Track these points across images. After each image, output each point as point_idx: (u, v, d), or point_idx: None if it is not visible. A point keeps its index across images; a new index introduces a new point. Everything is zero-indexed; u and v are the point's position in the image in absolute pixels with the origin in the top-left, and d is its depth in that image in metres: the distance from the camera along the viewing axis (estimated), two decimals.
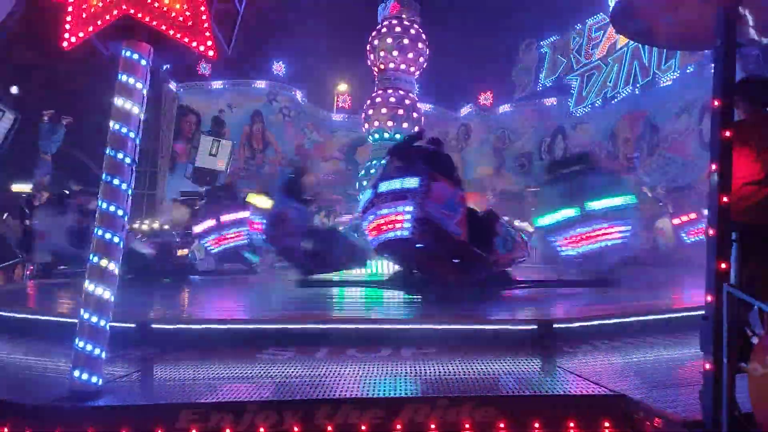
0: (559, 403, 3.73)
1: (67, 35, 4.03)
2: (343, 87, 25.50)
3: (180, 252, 12.20)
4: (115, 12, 3.89)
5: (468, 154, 24.38)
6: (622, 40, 19.48)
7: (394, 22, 15.10)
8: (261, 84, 22.84)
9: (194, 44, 4.01)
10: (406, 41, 14.92)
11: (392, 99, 14.85)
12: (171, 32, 3.95)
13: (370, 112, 14.86)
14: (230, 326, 5.78)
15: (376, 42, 15.27)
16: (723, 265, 2.99)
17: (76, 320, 3.92)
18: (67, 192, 12.04)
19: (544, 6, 21.37)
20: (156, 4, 3.92)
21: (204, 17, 4.04)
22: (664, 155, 18.38)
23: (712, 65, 3.24)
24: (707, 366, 2.96)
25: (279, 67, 23.51)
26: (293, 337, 5.47)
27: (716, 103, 3.09)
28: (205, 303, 9.01)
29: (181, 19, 3.98)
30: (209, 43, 4.07)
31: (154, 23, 3.90)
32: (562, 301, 7.95)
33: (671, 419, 3.21)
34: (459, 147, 24.34)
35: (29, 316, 6.39)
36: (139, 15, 3.89)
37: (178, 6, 3.98)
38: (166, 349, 5.24)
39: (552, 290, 8.56)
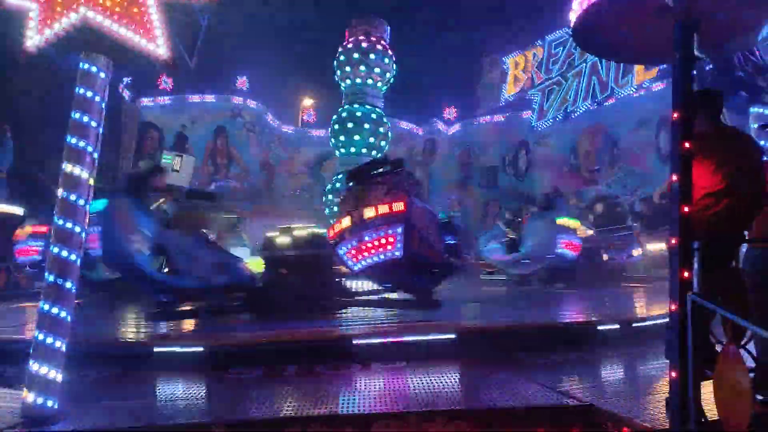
0: (529, 415, 3.73)
1: (24, 46, 3.90)
2: (308, 102, 25.45)
3: None
4: (74, 17, 3.78)
5: (434, 169, 24.57)
6: (581, 56, 20.00)
7: (362, 37, 15.18)
8: (224, 99, 22.61)
9: (154, 55, 3.92)
10: (372, 56, 14.99)
11: (359, 113, 14.86)
12: (130, 43, 3.86)
13: (337, 126, 14.83)
14: (193, 348, 5.62)
15: (342, 57, 15.31)
16: (686, 274, 3.03)
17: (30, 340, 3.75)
18: None
19: (506, 23, 21.82)
20: (117, 9, 3.83)
21: (164, 27, 3.97)
22: (624, 168, 18.85)
23: (670, 79, 3.31)
24: (673, 374, 2.99)
25: (242, 82, 23.35)
26: (261, 355, 5.34)
27: (676, 115, 3.15)
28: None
29: (140, 29, 3.90)
30: (169, 54, 3.99)
31: (113, 34, 3.81)
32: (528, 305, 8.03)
33: (639, 428, 3.23)
34: (425, 162, 24.51)
35: None
36: (98, 26, 3.79)
37: (135, 10, 3.90)
38: (127, 369, 5.07)
39: None
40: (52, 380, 3.67)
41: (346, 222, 7.40)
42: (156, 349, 5.29)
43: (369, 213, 7.19)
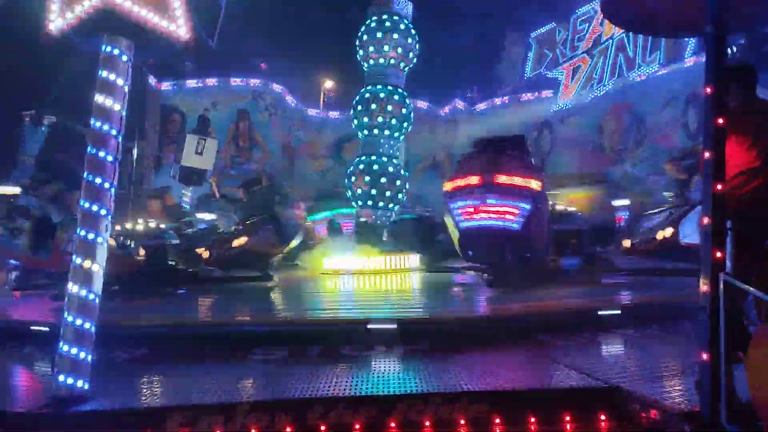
0: (554, 397, 3.69)
1: (47, 30, 3.92)
2: (329, 84, 25.35)
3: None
4: (94, 5, 3.78)
5: (456, 150, 24.36)
6: (607, 33, 19.54)
7: (384, 17, 14.98)
8: (246, 82, 22.63)
9: (175, 37, 3.91)
10: (395, 36, 14.80)
11: (382, 95, 14.72)
12: (152, 25, 3.85)
13: (363, 107, 14.71)
14: (221, 328, 5.70)
15: (365, 37, 15.16)
16: (718, 254, 2.95)
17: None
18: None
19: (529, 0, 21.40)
20: None
21: (185, 9, 3.95)
22: (651, 146, 18.47)
23: (699, 56, 3.20)
24: (704, 356, 2.92)
25: (264, 65, 23.33)
26: (286, 336, 5.38)
27: (708, 90, 3.05)
28: None
29: (161, 11, 3.89)
30: (190, 35, 3.98)
31: (134, 17, 3.80)
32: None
33: (668, 411, 3.18)
34: (447, 143, 24.31)
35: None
36: (119, 9, 3.78)
37: None
38: (155, 350, 5.14)
39: None
40: (81, 361, 3.74)
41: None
42: None
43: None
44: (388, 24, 14.85)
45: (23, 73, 14.82)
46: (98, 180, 3.84)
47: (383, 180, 13.95)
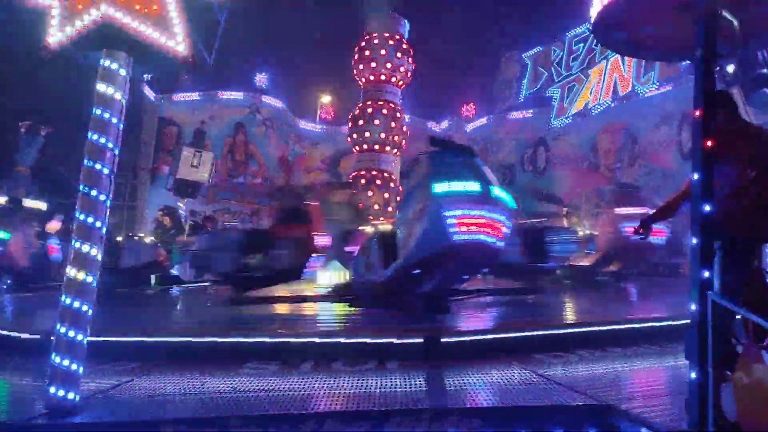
0: (545, 414, 3.71)
1: (46, 42, 3.96)
2: (326, 98, 25.50)
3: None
4: (94, 14, 3.83)
5: None
6: (602, 53, 19.77)
7: (379, 34, 15.14)
8: (243, 96, 22.74)
9: (173, 52, 3.96)
10: (390, 53, 14.95)
11: (386, 111, 14.84)
12: (150, 40, 3.90)
13: (361, 122, 14.82)
14: (212, 339, 5.68)
15: (360, 54, 15.30)
16: (706, 274, 2.99)
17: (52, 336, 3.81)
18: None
19: (526, 19, 21.66)
20: (137, 7, 3.88)
21: (183, 25, 4.00)
22: (646, 165, 18.62)
23: (691, 75, 3.27)
24: (693, 375, 2.95)
25: (261, 79, 23.47)
26: (277, 350, 5.38)
27: (698, 113, 3.11)
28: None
29: (160, 26, 3.94)
30: (188, 51, 4.03)
31: (133, 31, 3.85)
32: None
33: (657, 429, 3.20)
34: None
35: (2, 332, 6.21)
36: (118, 23, 3.83)
37: (155, 7, 3.94)
38: (146, 362, 5.13)
39: None
40: (73, 372, 3.73)
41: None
42: None
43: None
44: (382, 41, 15.00)
45: (18, 84, 14.90)
46: (94, 192, 3.86)
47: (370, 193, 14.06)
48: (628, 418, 3.46)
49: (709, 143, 3.05)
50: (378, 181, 14.34)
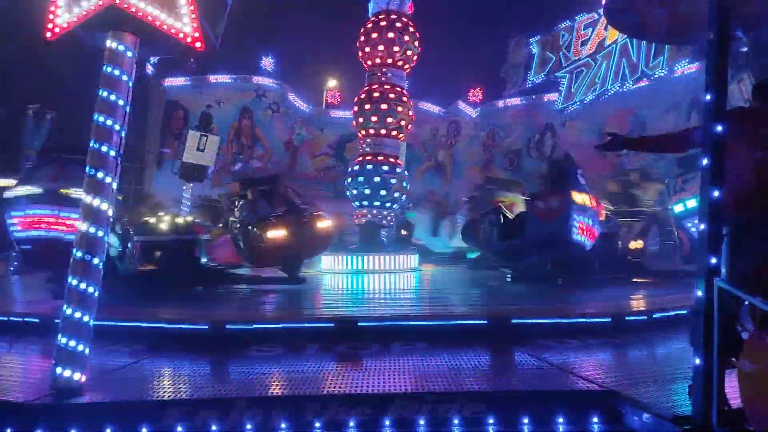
0: (548, 399, 3.71)
1: (51, 25, 3.95)
2: (332, 83, 25.36)
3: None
4: (101, 1, 3.81)
5: (457, 151, 24.37)
6: (611, 37, 19.53)
7: (385, 17, 14.98)
8: (250, 80, 22.65)
9: (181, 35, 3.94)
10: (396, 37, 14.81)
11: (392, 95, 14.72)
12: (157, 22, 3.88)
13: (367, 106, 14.71)
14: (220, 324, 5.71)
15: (365, 37, 15.17)
16: (713, 260, 2.97)
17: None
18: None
19: (533, 3, 21.39)
20: None
21: (191, 7, 3.97)
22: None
23: (700, 61, 3.22)
24: (697, 361, 2.94)
25: (268, 63, 23.35)
26: (281, 334, 5.42)
27: (708, 96, 3.07)
28: None
29: (167, 8, 3.91)
30: (196, 34, 4.00)
31: (140, 13, 3.83)
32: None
33: (660, 415, 3.20)
34: (449, 143, 24.31)
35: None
36: (125, 5, 3.81)
37: None
38: (153, 345, 5.17)
39: None
40: (80, 353, 3.76)
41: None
42: None
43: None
44: (388, 24, 14.85)
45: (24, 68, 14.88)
46: (100, 174, 3.87)
47: (377, 180, 14.01)
48: (631, 403, 3.46)
49: (719, 128, 3.02)
50: (384, 167, 14.28)
